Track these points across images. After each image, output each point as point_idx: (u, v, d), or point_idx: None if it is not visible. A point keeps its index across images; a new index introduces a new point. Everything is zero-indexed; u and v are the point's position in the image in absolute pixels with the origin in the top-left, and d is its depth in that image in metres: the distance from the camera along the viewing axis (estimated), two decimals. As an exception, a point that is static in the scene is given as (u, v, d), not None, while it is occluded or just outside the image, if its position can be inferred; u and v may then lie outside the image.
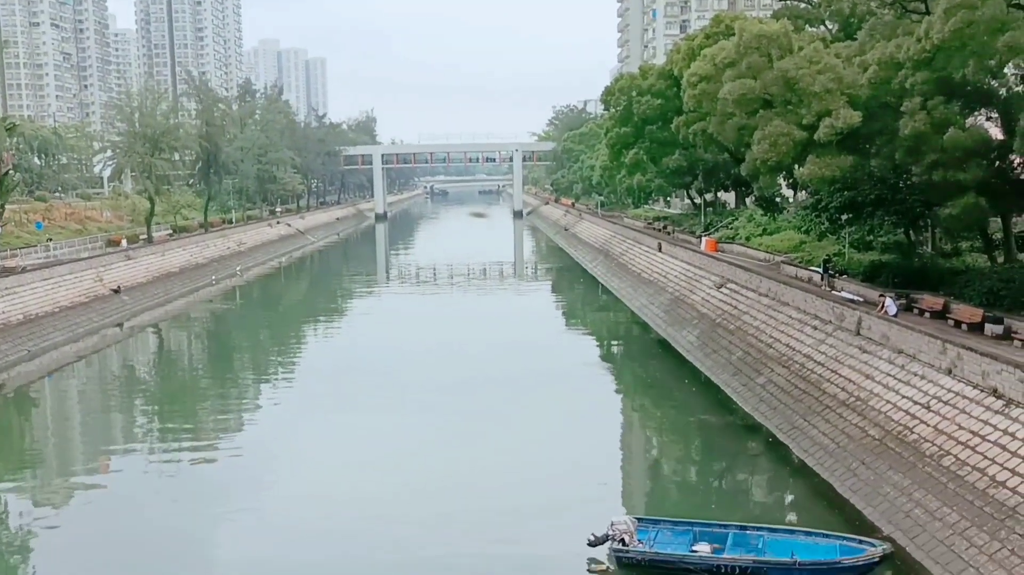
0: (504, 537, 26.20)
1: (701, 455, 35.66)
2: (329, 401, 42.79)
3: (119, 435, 40.26)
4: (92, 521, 29.13)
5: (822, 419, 32.95)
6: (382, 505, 29.12)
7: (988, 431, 25.71)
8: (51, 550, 26.60)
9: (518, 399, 42.50)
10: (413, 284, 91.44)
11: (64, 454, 37.81)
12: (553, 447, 34.72)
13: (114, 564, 25.05)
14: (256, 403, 44.91)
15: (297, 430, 38.13)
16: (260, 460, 34.30)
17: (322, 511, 28.62)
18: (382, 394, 43.68)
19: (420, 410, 40.57)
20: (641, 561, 23.64)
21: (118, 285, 70.43)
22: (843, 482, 28.60)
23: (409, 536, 26.43)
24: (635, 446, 37.79)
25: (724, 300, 51.76)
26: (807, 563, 22.37)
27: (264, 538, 26.65)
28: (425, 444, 35.32)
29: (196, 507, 29.51)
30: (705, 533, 24.72)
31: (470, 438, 36.20)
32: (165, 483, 32.77)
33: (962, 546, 22.64)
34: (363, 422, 39.18)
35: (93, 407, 44.90)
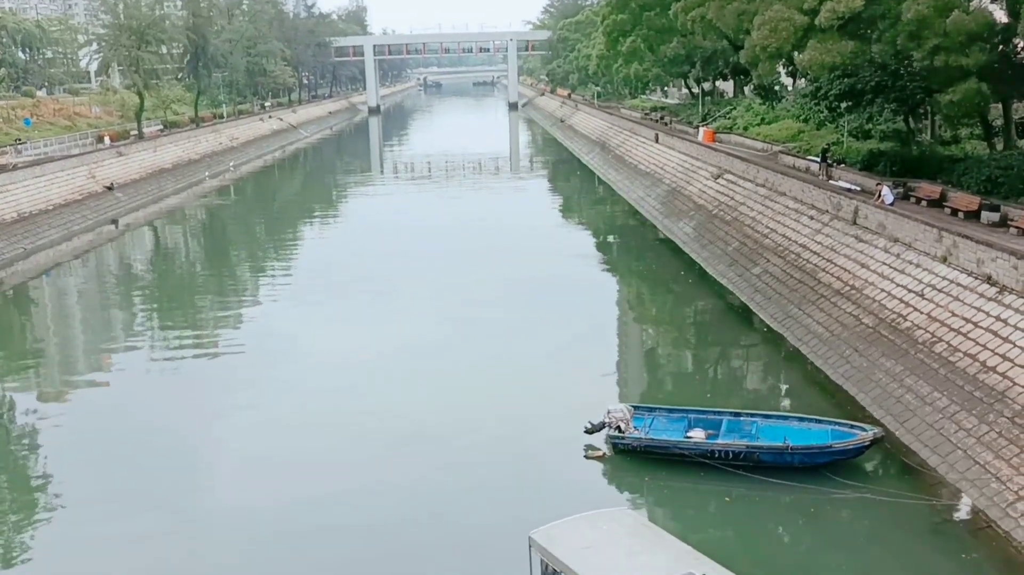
0: (502, 425, 26.72)
1: (696, 345, 36.09)
2: (327, 295, 43.01)
3: (119, 332, 40.58)
4: (96, 417, 29.62)
5: (817, 308, 33.24)
6: (382, 394, 29.59)
7: (981, 318, 25.96)
8: (57, 446, 27.10)
9: (514, 292, 42.73)
10: (408, 178, 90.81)
11: (66, 351, 38.19)
12: (550, 338, 35.07)
13: (119, 458, 25.56)
14: (254, 298, 45.13)
15: (296, 324, 38.42)
16: (260, 354, 34.67)
17: (323, 402, 29.08)
18: (380, 288, 43.87)
19: (417, 303, 40.82)
20: (637, 447, 24.18)
21: (111, 182, 69.90)
22: (836, 369, 29.04)
23: (407, 424, 26.93)
24: (631, 336, 38.20)
25: (721, 191, 51.53)
26: (799, 448, 22.89)
27: (267, 430, 27.14)
28: (423, 337, 35.65)
29: (199, 401, 29.97)
30: (700, 420, 25.21)
31: (467, 330, 36.54)
32: (167, 378, 33.21)
33: (951, 429, 23.14)
34: (361, 315, 39.47)
35: (92, 304, 45.12)
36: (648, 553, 15.62)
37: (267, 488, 23.52)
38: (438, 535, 20.77)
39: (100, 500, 23.05)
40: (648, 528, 17.15)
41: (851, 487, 21.93)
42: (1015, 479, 20.41)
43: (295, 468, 24.53)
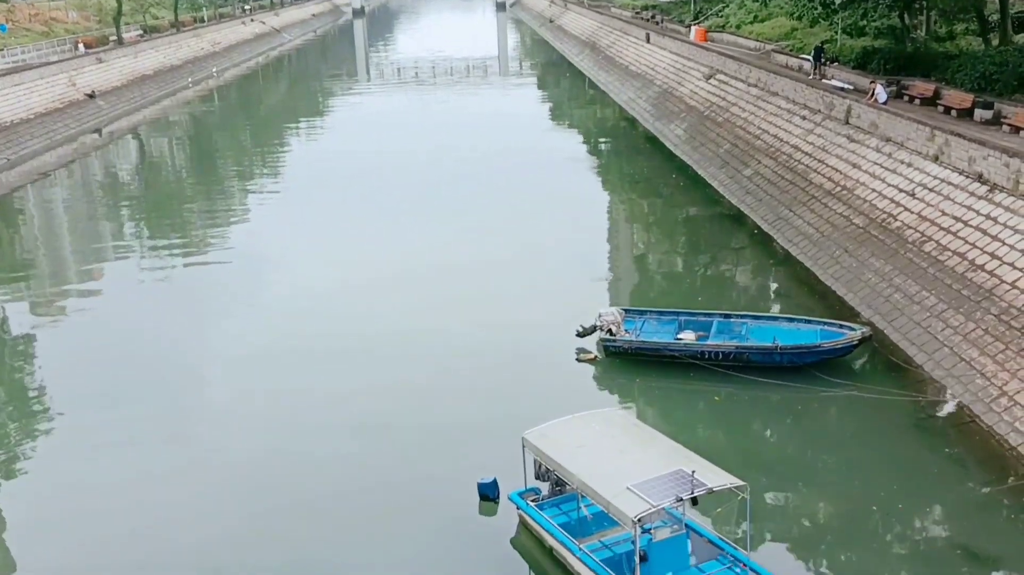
0: (494, 329, 26.91)
1: (687, 248, 36.14)
2: (315, 202, 42.76)
3: (108, 242, 40.39)
4: (89, 327, 29.73)
5: (807, 209, 33.21)
6: (373, 299, 29.70)
7: (971, 216, 26.00)
8: (51, 355, 27.26)
9: (505, 197, 42.55)
10: (395, 83, 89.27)
11: (55, 262, 38.08)
12: (541, 243, 35.07)
13: (113, 367, 25.72)
14: (243, 206, 44.86)
15: (284, 231, 38.29)
16: (250, 261, 34.62)
17: (313, 308, 29.19)
18: (368, 194, 43.62)
19: (407, 208, 40.64)
20: (628, 350, 24.44)
21: (92, 90, 68.55)
22: (826, 270, 29.20)
23: (399, 328, 27.11)
24: (622, 240, 38.21)
25: (713, 92, 50.86)
26: (788, 347, 23.16)
27: (258, 335, 27.27)
28: (412, 243, 35.62)
29: (190, 310, 30.06)
30: (690, 322, 25.42)
31: (458, 234, 36.47)
32: (158, 288, 33.22)
33: (938, 327, 23.42)
34: (349, 223, 39.32)
35: (80, 215, 44.77)
36: (638, 451, 15.94)
37: (259, 390, 23.78)
38: (433, 435, 21.11)
39: (96, 407, 23.26)
40: (639, 427, 17.47)
41: (839, 385, 22.29)
42: (999, 375, 20.76)
43: (286, 371, 24.76)
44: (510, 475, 17.86)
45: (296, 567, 16.71)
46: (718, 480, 14.73)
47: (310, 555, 17.04)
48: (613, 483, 14.84)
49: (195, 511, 18.64)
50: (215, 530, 17.99)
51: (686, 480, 14.55)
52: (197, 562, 17.00)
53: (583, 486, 15.31)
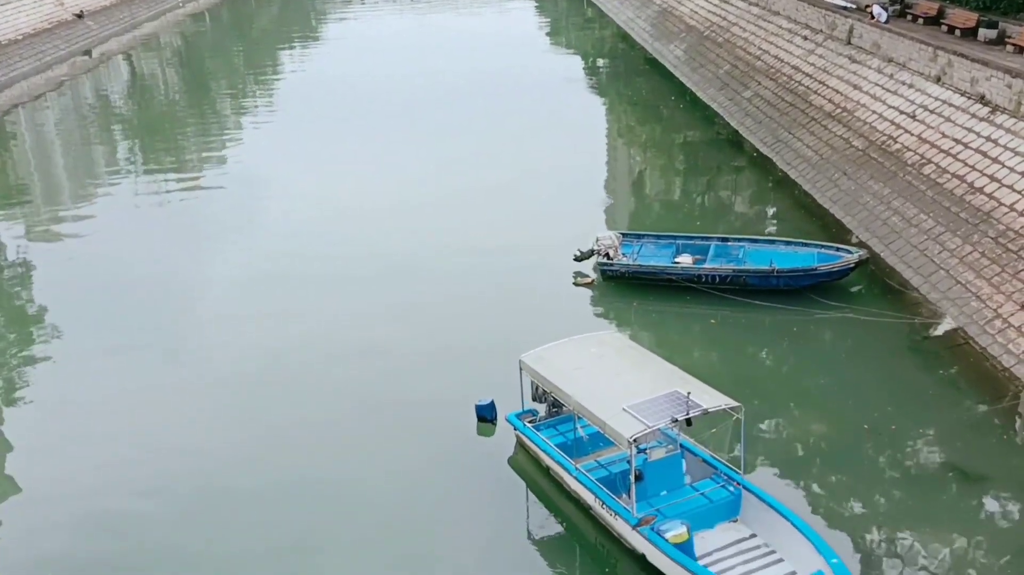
0: (491, 253, 26.89)
1: (685, 171, 35.91)
2: (309, 125, 42.30)
3: (103, 167, 40.04)
4: (85, 251, 29.64)
5: (807, 131, 32.91)
6: (370, 225, 29.59)
7: (971, 139, 25.78)
8: (47, 281, 27.25)
9: (501, 120, 42.10)
10: (390, 2, 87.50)
11: (49, 186, 37.82)
12: (538, 167, 34.81)
13: (110, 289, 25.74)
14: (236, 130, 44.39)
15: (279, 155, 37.98)
16: (244, 185, 34.39)
17: (311, 230, 29.10)
18: (363, 117, 43.13)
19: (403, 132, 40.26)
20: (625, 273, 24.46)
21: (80, 9, 67.12)
22: (824, 193, 29.07)
23: (396, 253, 27.07)
24: (620, 164, 37.95)
25: (713, 11, 49.92)
26: (784, 271, 23.19)
27: (254, 260, 27.26)
28: (408, 167, 35.35)
29: (185, 235, 29.96)
30: (687, 246, 25.40)
31: (453, 157, 36.19)
32: (152, 213, 33.09)
33: (935, 250, 23.42)
34: (345, 145, 38.97)
35: (73, 139, 44.30)
36: (635, 373, 16.07)
37: (255, 313, 23.84)
38: (431, 359, 21.25)
39: (93, 330, 23.36)
40: (635, 350, 17.58)
41: (835, 308, 22.39)
42: (994, 298, 20.84)
43: (283, 295, 24.81)
44: (507, 397, 18.04)
45: (293, 486, 16.96)
46: (713, 401, 14.89)
47: (307, 474, 17.30)
48: (609, 404, 14.99)
49: (194, 431, 18.85)
50: (214, 449, 18.22)
51: (681, 401, 14.70)
52: (196, 480, 17.24)
53: (579, 407, 15.48)
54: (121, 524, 16.07)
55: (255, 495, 16.80)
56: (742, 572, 13.69)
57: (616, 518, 14.82)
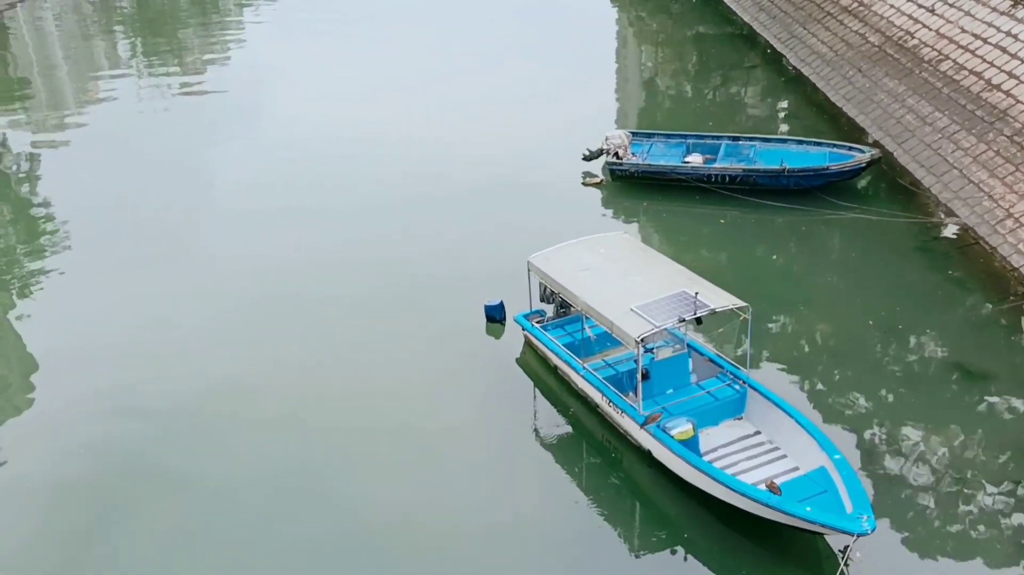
0: (499, 154, 26.67)
1: (697, 70, 35.22)
2: (315, 22, 41.42)
3: (104, 63, 39.49)
4: (88, 153, 29.46)
5: (822, 27, 32.12)
6: (376, 127, 29.29)
7: (991, 34, 25.13)
8: (55, 179, 27.18)
9: (507, 18, 41.18)
10: None
11: (52, 84, 37.35)
12: (545, 67, 34.21)
13: (117, 195, 25.69)
14: (239, 28, 43.52)
15: (287, 55, 37.34)
16: (250, 85, 33.95)
17: (317, 133, 28.84)
18: (367, 20, 42.21)
19: (409, 32, 39.47)
20: (634, 173, 24.26)
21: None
22: (837, 91, 28.54)
23: (404, 155, 26.87)
24: (630, 62, 37.23)
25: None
26: (795, 170, 22.96)
27: (262, 159, 27.11)
28: (416, 67, 34.79)
29: (190, 131, 29.75)
30: (698, 145, 25.12)
31: (459, 59, 35.57)
32: (156, 110, 32.72)
33: (948, 149, 23.11)
34: (351, 45, 38.29)
35: (74, 37, 43.56)
36: (642, 273, 16.09)
37: (262, 218, 23.83)
38: (440, 259, 21.30)
39: (98, 238, 23.38)
40: (643, 250, 17.56)
41: (845, 208, 22.25)
42: (1007, 197, 20.64)
43: (289, 200, 24.73)
44: (516, 298, 18.13)
45: (305, 388, 17.22)
46: (720, 301, 14.94)
47: (319, 375, 17.55)
48: (617, 304, 15.07)
49: (206, 337, 19.04)
50: (228, 355, 18.42)
51: (689, 301, 14.76)
52: (211, 383, 17.49)
53: (587, 308, 15.56)
54: (127, 444, 16.09)
55: (266, 402, 17.04)
56: (746, 468, 13.97)
57: (623, 416, 15.05)
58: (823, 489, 13.03)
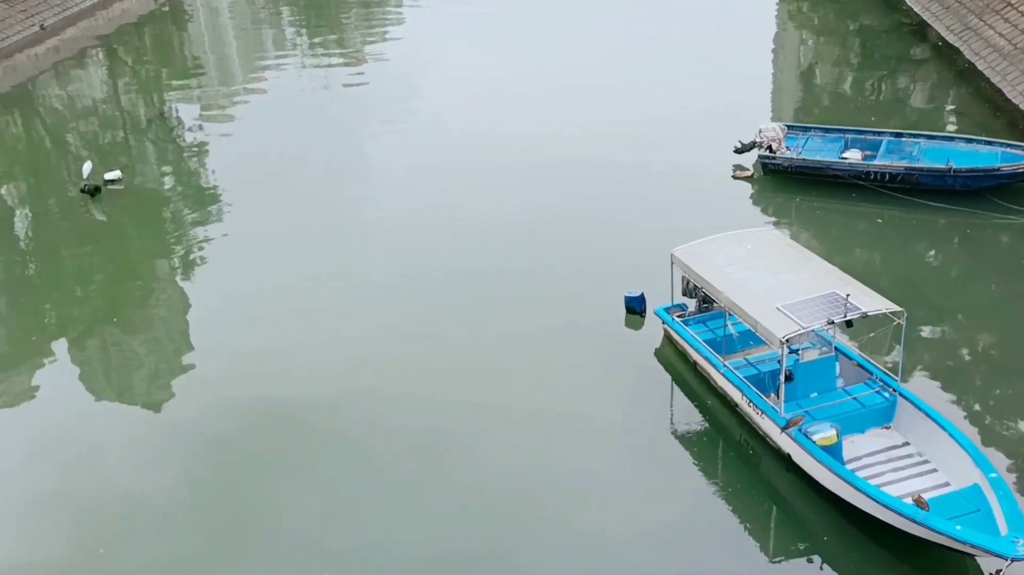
0: (648, 141, 26.33)
1: (861, 61, 33.76)
2: (476, 9, 41.90)
3: (271, 45, 41.29)
4: (253, 130, 30.88)
5: (1000, 18, 30.18)
6: (525, 111, 29.43)
7: None
8: (221, 155, 28.59)
9: (669, 7, 40.62)
10: None
11: (222, 65, 39.35)
12: (699, 51, 33.57)
13: (276, 170, 26.76)
14: (397, 13, 44.57)
15: (445, 41, 38.03)
16: (407, 70, 34.74)
17: (468, 117, 29.22)
18: (531, 10, 42.46)
19: (562, 21, 39.47)
20: (788, 168, 23.51)
21: None
22: (1015, 87, 26.78)
23: (552, 142, 26.88)
24: (789, 51, 36.05)
25: None
26: (963, 170, 21.70)
27: (413, 146, 27.69)
28: (567, 56, 34.76)
29: (349, 114, 30.71)
30: (857, 140, 24.10)
31: (610, 45, 35.32)
32: (316, 89, 34.01)
33: None
34: (506, 32, 38.59)
35: (244, 19, 45.69)
36: (791, 272, 15.58)
37: (411, 198, 24.30)
38: (582, 248, 21.22)
39: (258, 211, 24.43)
40: (793, 248, 17.00)
41: (1016, 212, 20.90)
42: None
43: (440, 183, 25.16)
44: (657, 291, 17.90)
45: (444, 363, 17.51)
46: (873, 305, 14.30)
47: (457, 352, 17.81)
48: (762, 302, 14.65)
49: (353, 306, 19.62)
50: (373, 324, 18.91)
51: (839, 303, 14.20)
52: (357, 350, 18.02)
53: (731, 304, 15.20)
54: (275, 403, 16.76)
55: (406, 373, 17.43)
56: (891, 479, 13.35)
57: (763, 417, 14.66)
58: (975, 508, 12.32)
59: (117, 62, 39.69)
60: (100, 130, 32.20)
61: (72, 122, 33.10)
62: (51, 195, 26.58)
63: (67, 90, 36.18)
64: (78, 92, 35.96)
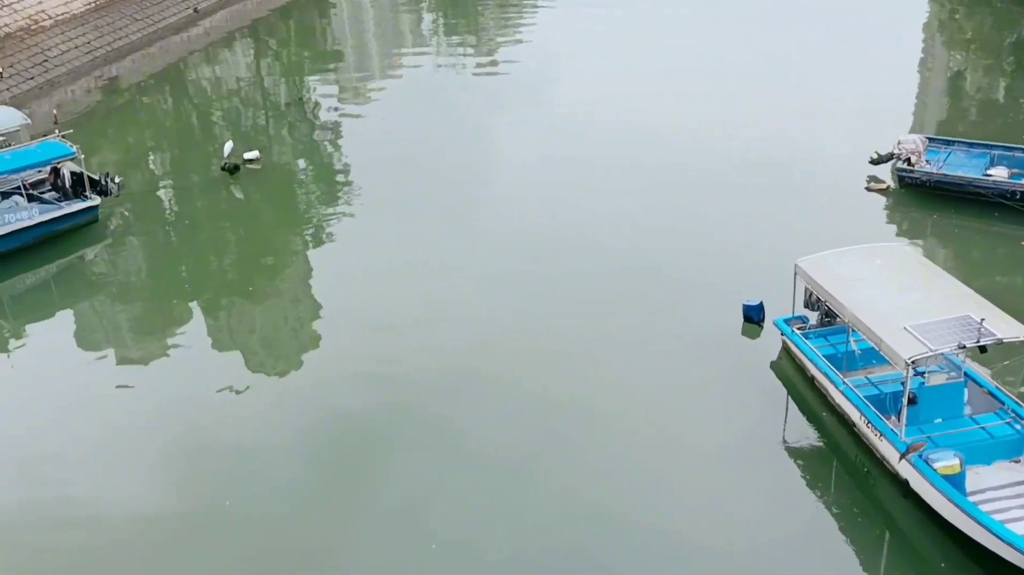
0: (778, 147, 25.68)
1: (1013, 73, 32.06)
2: (610, 11, 41.72)
3: (408, 37, 42.19)
4: (387, 114, 31.63)
5: None
6: (655, 110, 29.11)
7: None
8: (354, 138, 29.39)
9: (802, 5, 39.53)
10: None
11: (360, 53, 40.41)
12: (840, 54, 32.51)
13: (408, 154, 27.30)
14: (532, 8, 44.74)
15: (573, 35, 38.01)
16: (537, 63, 34.87)
17: (599, 111, 29.12)
18: (666, 9, 42.01)
19: (698, 23, 38.86)
20: (927, 182, 22.54)
21: None
22: None
23: (680, 142, 26.52)
24: (937, 60, 34.50)
25: None
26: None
27: (542, 137, 27.78)
28: (703, 56, 34.22)
29: (480, 106, 31.08)
30: (1005, 157, 22.90)
31: (752, 50, 34.58)
32: (450, 77, 34.55)
33: None
34: (643, 34, 38.29)
35: (384, 10, 46.78)
36: (922, 291, 14.95)
37: (538, 188, 24.38)
38: (704, 250, 20.86)
39: (390, 192, 25.00)
40: (926, 266, 16.29)
41: None
42: None
43: (567, 172, 25.18)
44: (777, 300, 17.46)
45: (555, 357, 17.52)
46: (1010, 331, 13.58)
47: (572, 348, 17.79)
48: (889, 321, 14.11)
49: (475, 294, 19.81)
50: (492, 316, 19.05)
51: (972, 327, 13.54)
52: (474, 339, 18.22)
53: (855, 320, 14.70)
54: (397, 386, 17.17)
55: (518, 366, 17.52)
56: (1017, 516, 12.66)
57: (881, 439, 14.13)
58: (1108, 555, 11.58)
59: (262, 46, 41.27)
60: (242, 110, 33.56)
61: (217, 102, 34.63)
62: (194, 171, 27.87)
63: (214, 71, 37.85)
64: (224, 73, 37.58)
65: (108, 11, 37.58)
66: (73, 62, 34.60)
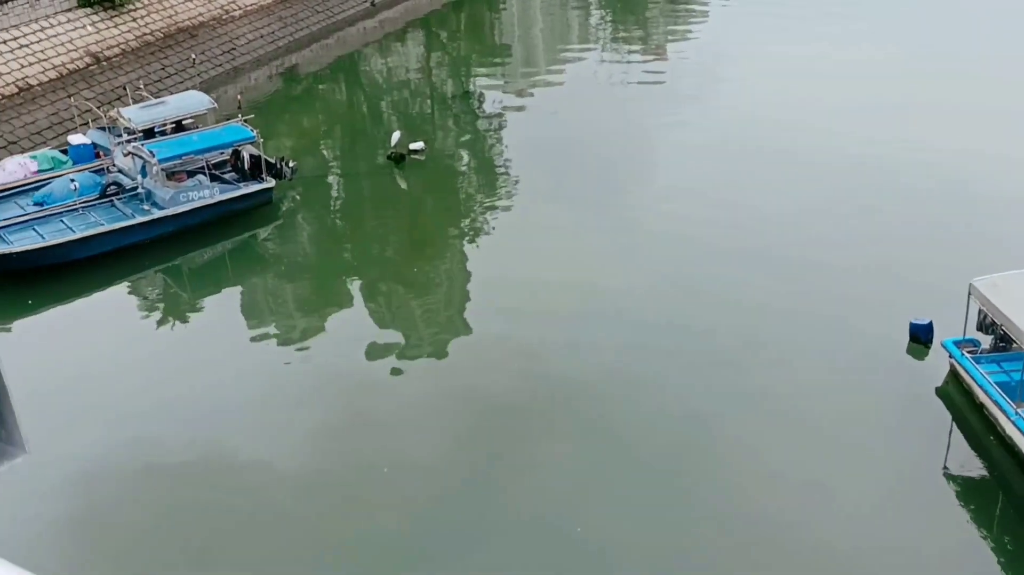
0: (956, 158, 24.31)
1: None
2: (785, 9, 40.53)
3: (576, 33, 42.29)
4: (552, 109, 31.79)
5: None
6: (828, 112, 28.05)
7: None
8: (516, 135, 29.71)
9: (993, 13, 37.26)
10: None
11: (527, 51, 40.82)
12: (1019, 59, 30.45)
13: (565, 152, 27.37)
14: (703, 6, 43.99)
15: (746, 34, 37.13)
16: (706, 63, 34.24)
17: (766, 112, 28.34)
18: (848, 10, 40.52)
19: (872, 23, 37.20)
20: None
21: None
22: None
23: (844, 151, 25.48)
24: None
25: None
26: None
27: (704, 135, 27.32)
28: (879, 55, 32.81)
29: (645, 103, 30.84)
30: None
31: (925, 55, 32.90)
32: (614, 73, 34.43)
33: None
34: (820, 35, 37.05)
35: (553, 6, 47.05)
36: (1114, 322, 13.87)
37: (695, 186, 24.03)
38: (872, 263, 19.99)
39: (553, 182, 25.25)
40: (1119, 295, 15.10)
41: None
42: None
43: (729, 171, 24.73)
44: (947, 321, 16.57)
45: (714, 373, 17.21)
46: None
47: (728, 357, 17.42)
48: (1072, 351, 13.17)
49: (628, 291, 19.71)
50: (644, 317, 18.86)
51: None
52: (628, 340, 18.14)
53: (1034, 348, 13.79)
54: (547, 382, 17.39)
55: (675, 372, 17.35)
56: None
57: (1054, 476, 13.22)
58: None
59: (433, 39, 42.31)
60: (410, 101, 34.53)
61: (387, 92, 35.75)
62: (362, 159, 28.91)
63: (386, 62, 39.09)
64: (395, 65, 38.76)
65: (292, 3, 39.35)
66: (258, 51, 36.43)
